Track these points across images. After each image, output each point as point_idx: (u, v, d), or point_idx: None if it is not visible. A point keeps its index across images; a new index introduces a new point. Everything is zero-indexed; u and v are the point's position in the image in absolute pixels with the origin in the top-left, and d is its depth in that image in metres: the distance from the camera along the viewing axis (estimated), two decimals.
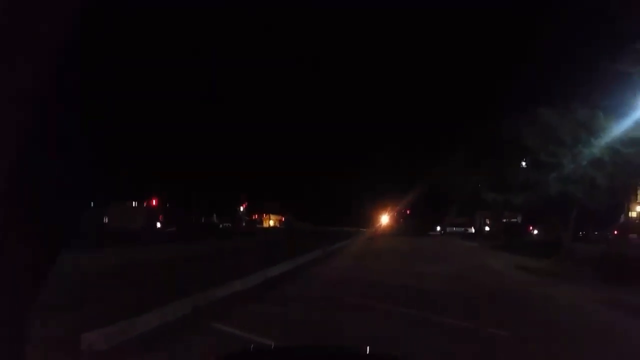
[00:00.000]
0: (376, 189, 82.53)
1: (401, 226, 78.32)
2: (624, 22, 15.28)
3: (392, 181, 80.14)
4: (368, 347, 2.36)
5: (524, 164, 23.96)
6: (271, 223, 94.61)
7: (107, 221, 43.52)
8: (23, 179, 1.08)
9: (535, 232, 34.31)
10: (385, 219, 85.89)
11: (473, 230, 60.88)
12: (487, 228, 62.26)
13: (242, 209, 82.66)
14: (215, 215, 72.06)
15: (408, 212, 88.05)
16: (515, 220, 45.45)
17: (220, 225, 66.05)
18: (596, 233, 29.32)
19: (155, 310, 6.42)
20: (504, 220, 45.45)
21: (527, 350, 6.24)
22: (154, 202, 52.88)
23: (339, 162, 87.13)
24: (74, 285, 7.72)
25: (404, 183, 75.59)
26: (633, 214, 34.84)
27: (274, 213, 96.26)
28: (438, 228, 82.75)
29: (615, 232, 26.40)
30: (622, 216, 32.88)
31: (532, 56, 24.12)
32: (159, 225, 49.56)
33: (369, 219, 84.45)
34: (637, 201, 33.87)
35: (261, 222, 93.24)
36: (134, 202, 51.61)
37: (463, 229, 67.02)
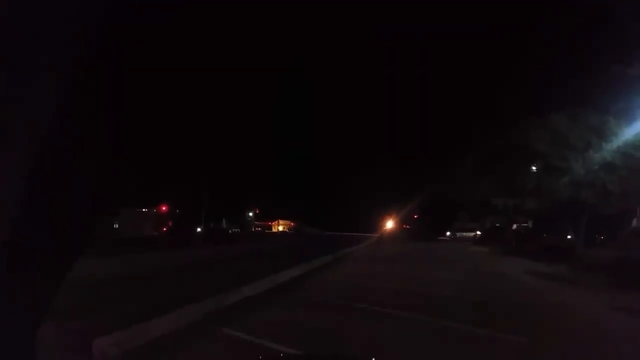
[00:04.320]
0: (385, 194, 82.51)
1: (410, 231, 77.90)
2: (634, 26, 15.19)
3: (401, 186, 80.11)
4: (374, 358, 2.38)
5: (534, 169, 23.81)
6: (280, 228, 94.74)
7: (117, 227, 43.71)
8: (41, 187, 1.11)
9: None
10: (393, 224, 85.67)
11: (482, 235, 60.26)
12: (478, 232, 61.82)
13: (251, 214, 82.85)
14: (224, 221, 72.20)
15: (416, 217, 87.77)
16: (526, 225, 45.09)
17: (230, 231, 66.22)
18: (602, 238, 28.99)
19: (167, 315, 6.46)
20: (515, 226, 45.12)
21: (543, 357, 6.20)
22: (163, 208, 53.09)
23: (347, 167, 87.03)
24: (86, 291, 7.78)
25: (413, 188, 75.48)
26: None
27: (283, 219, 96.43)
28: (448, 233, 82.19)
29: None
30: (635, 220, 32.43)
31: (542, 61, 24.04)
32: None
33: (378, 224, 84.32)
34: None
35: (270, 228, 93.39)
36: (143, 209, 51.79)
37: (473, 234, 66.44)
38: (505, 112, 26.20)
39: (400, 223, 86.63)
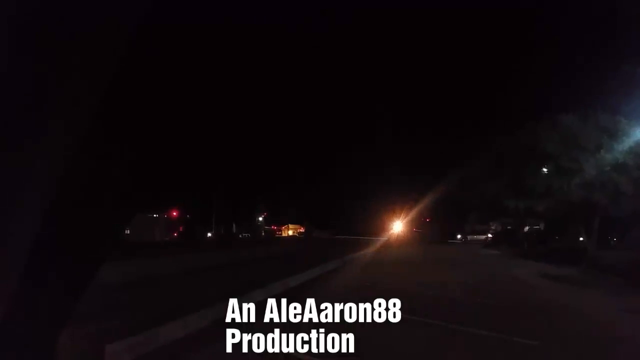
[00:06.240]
0: (394, 197, 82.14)
1: (421, 234, 77.48)
2: None
3: (411, 188, 79.66)
4: None
5: (545, 170, 23.58)
6: (290, 232, 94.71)
7: (128, 232, 43.97)
8: (66, 195, 1.15)
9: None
10: (403, 227, 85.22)
11: (493, 237, 59.73)
12: (489, 235, 61.41)
13: (260, 219, 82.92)
14: (234, 225, 72.44)
15: (427, 220, 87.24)
16: (538, 227, 44.63)
17: (240, 236, 66.53)
18: (614, 239, 28.64)
19: (178, 320, 6.51)
20: (526, 228, 44.69)
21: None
22: (174, 213, 53.45)
23: (356, 171, 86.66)
24: (100, 296, 7.85)
25: (423, 190, 75.06)
26: None
27: (292, 223, 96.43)
28: (459, 236, 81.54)
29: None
30: None
31: (552, 61, 23.87)
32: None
33: (388, 227, 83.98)
34: None
35: (280, 232, 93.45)
36: (154, 214, 52.10)
37: (484, 237, 65.92)
38: (515, 113, 26.05)
39: (410, 226, 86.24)
